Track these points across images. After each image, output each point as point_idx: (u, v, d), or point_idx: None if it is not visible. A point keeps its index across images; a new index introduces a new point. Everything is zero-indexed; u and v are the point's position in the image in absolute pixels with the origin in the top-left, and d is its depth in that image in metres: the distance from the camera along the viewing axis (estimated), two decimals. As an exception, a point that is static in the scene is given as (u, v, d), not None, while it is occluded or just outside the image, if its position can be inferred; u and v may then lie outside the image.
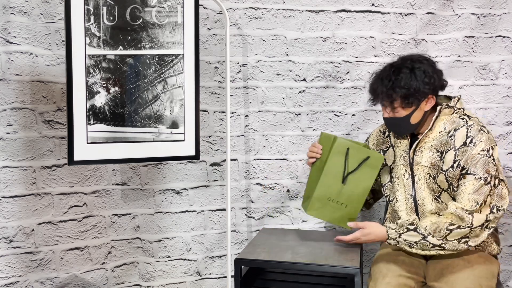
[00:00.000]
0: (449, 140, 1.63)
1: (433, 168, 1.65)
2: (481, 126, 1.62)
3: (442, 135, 1.65)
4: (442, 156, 1.63)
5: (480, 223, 1.54)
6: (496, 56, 2.23)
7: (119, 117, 1.70)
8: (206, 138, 2.19)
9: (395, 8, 2.21)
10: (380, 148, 1.85)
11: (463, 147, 1.59)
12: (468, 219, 1.53)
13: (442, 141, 1.64)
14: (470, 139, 1.59)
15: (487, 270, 1.61)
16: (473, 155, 1.57)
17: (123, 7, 1.68)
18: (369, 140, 1.92)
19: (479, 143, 1.57)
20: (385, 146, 1.84)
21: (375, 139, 1.89)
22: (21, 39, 1.86)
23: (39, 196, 1.94)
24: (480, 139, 1.58)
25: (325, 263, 1.66)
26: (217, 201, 2.23)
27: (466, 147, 1.59)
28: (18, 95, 1.88)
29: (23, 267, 1.92)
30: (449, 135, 1.64)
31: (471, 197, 1.54)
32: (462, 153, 1.59)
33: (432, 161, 1.65)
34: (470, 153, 1.57)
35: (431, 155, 1.66)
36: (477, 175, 1.56)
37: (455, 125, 1.64)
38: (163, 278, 2.20)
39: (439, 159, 1.64)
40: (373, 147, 1.88)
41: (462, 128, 1.62)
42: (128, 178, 2.12)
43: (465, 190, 1.56)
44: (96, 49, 1.65)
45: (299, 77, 2.22)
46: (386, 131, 1.85)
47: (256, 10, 2.17)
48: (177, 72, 1.77)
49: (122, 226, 2.13)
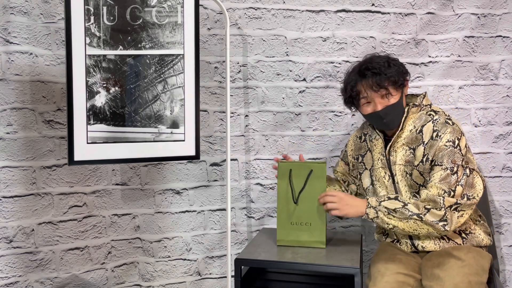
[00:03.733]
0: (419, 136, 1.68)
1: (408, 165, 1.70)
2: (446, 119, 1.67)
3: (412, 133, 1.70)
4: (414, 152, 1.69)
5: (450, 204, 1.59)
6: (496, 56, 2.24)
7: (119, 117, 1.70)
8: (206, 138, 2.19)
9: (395, 8, 2.21)
10: (358, 153, 1.88)
11: (431, 141, 1.65)
12: (440, 200, 1.59)
13: (412, 138, 1.70)
14: (436, 133, 1.65)
15: (477, 266, 1.61)
16: (440, 147, 1.63)
17: (123, 7, 1.68)
18: (347, 148, 1.95)
19: (444, 135, 1.63)
20: (362, 151, 1.87)
21: (353, 145, 1.93)
22: (21, 39, 1.86)
23: (39, 196, 1.94)
24: (445, 131, 1.64)
25: (325, 263, 1.66)
26: (217, 201, 2.23)
27: (433, 141, 1.64)
28: (18, 95, 1.88)
29: (23, 267, 1.92)
30: (417, 131, 1.69)
31: (438, 185, 1.60)
32: (430, 147, 1.65)
33: (406, 158, 1.70)
34: (437, 146, 1.63)
35: (404, 153, 1.71)
36: (443, 165, 1.61)
37: (422, 121, 1.70)
38: (163, 278, 2.20)
39: (412, 156, 1.69)
40: (351, 153, 1.92)
41: (428, 123, 1.68)
42: (128, 178, 2.12)
43: (433, 180, 1.62)
44: (96, 49, 1.65)
45: (299, 77, 2.22)
46: (362, 136, 1.89)
47: (256, 10, 2.17)
48: (177, 72, 1.77)
49: (122, 226, 2.13)
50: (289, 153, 2.25)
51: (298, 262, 1.67)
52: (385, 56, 1.73)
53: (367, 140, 1.86)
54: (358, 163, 1.88)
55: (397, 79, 1.66)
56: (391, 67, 1.67)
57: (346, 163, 1.96)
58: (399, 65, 1.71)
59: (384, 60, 1.69)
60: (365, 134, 1.88)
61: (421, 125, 1.69)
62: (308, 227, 1.81)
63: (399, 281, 1.59)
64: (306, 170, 1.80)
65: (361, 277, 1.66)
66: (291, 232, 1.82)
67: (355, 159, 1.90)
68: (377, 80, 1.65)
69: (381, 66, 1.67)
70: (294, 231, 1.82)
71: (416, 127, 1.70)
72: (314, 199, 1.80)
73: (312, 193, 1.80)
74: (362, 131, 1.92)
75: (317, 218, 1.81)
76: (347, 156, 1.95)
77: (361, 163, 1.87)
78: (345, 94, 1.76)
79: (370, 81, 1.66)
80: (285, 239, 1.83)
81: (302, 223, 1.81)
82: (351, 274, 1.65)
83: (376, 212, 1.64)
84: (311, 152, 2.26)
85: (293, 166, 1.81)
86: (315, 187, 1.80)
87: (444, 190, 1.59)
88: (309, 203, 1.80)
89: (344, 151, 1.98)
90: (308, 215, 1.80)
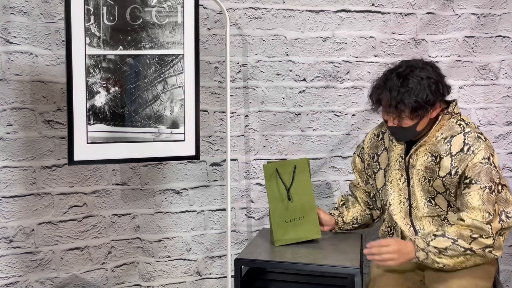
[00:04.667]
0: (445, 146, 1.61)
1: (428, 172, 1.64)
2: (478, 133, 1.60)
3: (439, 141, 1.63)
4: (436, 161, 1.62)
5: (497, 230, 1.54)
6: (496, 56, 2.23)
7: (119, 117, 1.70)
8: (206, 138, 2.19)
9: (395, 8, 2.21)
10: (374, 152, 1.83)
11: (460, 154, 1.57)
12: (488, 229, 1.51)
13: (437, 146, 1.62)
14: (468, 147, 1.57)
15: (484, 271, 1.61)
16: (475, 164, 1.55)
17: (123, 7, 1.68)
18: (364, 145, 1.89)
19: (479, 152, 1.55)
20: (379, 149, 1.82)
21: (369, 142, 1.87)
22: (21, 39, 1.86)
23: (39, 196, 1.94)
24: (479, 147, 1.56)
25: (325, 263, 1.66)
26: (217, 201, 2.23)
27: (464, 154, 1.57)
28: (18, 95, 1.88)
29: (23, 267, 1.92)
30: (445, 140, 1.62)
31: (482, 208, 1.52)
32: (459, 160, 1.57)
33: (426, 164, 1.64)
34: (470, 162, 1.55)
35: (426, 159, 1.64)
36: (482, 185, 1.53)
37: (452, 132, 1.62)
38: (163, 278, 2.20)
39: (433, 163, 1.62)
40: (368, 151, 1.86)
41: (459, 135, 1.60)
42: (128, 178, 2.12)
43: (471, 201, 1.53)
44: (96, 49, 1.65)
45: (299, 77, 2.22)
46: (380, 134, 1.83)
47: (256, 10, 2.17)
48: (177, 72, 1.77)
49: (122, 226, 2.13)
50: (289, 153, 2.25)
51: (298, 262, 1.67)
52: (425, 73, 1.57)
53: (385, 139, 1.80)
54: (373, 162, 1.83)
55: (417, 110, 1.55)
56: (421, 92, 1.54)
57: (362, 160, 1.90)
58: (433, 92, 1.56)
59: (419, 80, 1.55)
60: (383, 133, 1.82)
61: (450, 135, 1.61)
62: (302, 221, 1.84)
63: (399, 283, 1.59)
64: (291, 166, 1.85)
65: (361, 277, 1.66)
66: (287, 230, 1.84)
67: (370, 158, 1.84)
68: (396, 102, 1.55)
69: (407, 91, 1.54)
70: (290, 228, 1.84)
71: (444, 136, 1.63)
72: (303, 193, 1.84)
73: (300, 188, 1.84)
74: (380, 129, 1.85)
75: (309, 211, 1.84)
76: (363, 153, 1.89)
77: (376, 163, 1.82)
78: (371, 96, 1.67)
79: (390, 99, 1.56)
80: (282, 238, 1.84)
81: (296, 219, 1.84)
82: (351, 274, 1.65)
83: (426, 254, 1.53)
84: (311, 152, 2.26)
85: (278, 165, 1.85)
86: (301, 182, 1.84)
87: (488, 213, 1.51)
88: (299, 198, 1.84)
89: (361, 147, 1.91)
90: (300, 209, 1.84)
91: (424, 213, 1.66)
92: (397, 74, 1.59)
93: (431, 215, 1.66)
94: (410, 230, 1.69)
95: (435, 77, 1.57)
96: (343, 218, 1.91)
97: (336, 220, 1.91)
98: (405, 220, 1.71)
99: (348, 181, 2.28)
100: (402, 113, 1.57)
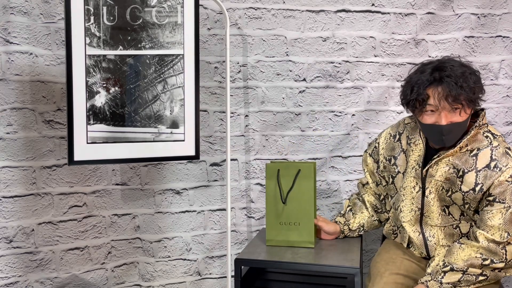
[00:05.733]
0: (470, 160, 1.52)
1: (447, 183, 1.57)
2: (506, 149, 1.52)
3: (464, 153, 1.54)
4: (458, 174, 1.54)
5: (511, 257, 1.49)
6: (496, 56, 2.23)
7: (119, 117, 1.70)
8: (206, 138, 2.19)
9: (395, 8, 2.21)
10: (391, 154, 1.74)
11: (486, 170, 1.50)
12: (502, 254, 1.47)
13: (461, 159, 1.54)
14: (495, 163, 1.49)
15: None
16: (501, 182, 1.48)
17: (123, 7, 1.68)
18: (379, 145, 1.80)
19: (507, 170, 1.48)
20: (396, 151, 1.73)
21: (384, 143, 1.78)
22: (21, 39, 1.86)
23: (39, 196, 1.94)
24: (507, 164, 1.48)
25: (325, 263, 1.66)
26: (217, 201, 2.23)
27: (491, 171, 1.49)
28: (18, 95, 1.88)
29: (23, 267, 1.92)
30: (471, 154, 1.53)
31: (502, 228, 1.47)
32: (484, 177, 1.50)
33: (447, 176, 1.56)
34: (496, 180, 1.48)
35: (447, 170, 1.56)
36: (506, 204, 1.47)
37: (478, 144, 1.53)
38: (163, 278, 2.20)
39: (455, 176, 1.55)
40: (383, 152, 1.77)
41: (486, 149, 1.51)
42: (128, 178, 2.12)
43: (493, 219, 1.48)
44: (96, 49, 1.65)
45: (299, 77, 2.22)
46: (397, 135, 1.74)
47: (256, 10, 2.17)
48: (177, 72, 1.77)
49: (122, 226, 2.13)
50: (289, 153, 2.25)
51: (298, 262, 1.67)
52: (464, 65, 1.51)
53: (402, 140, 1.71)
54: (390, 165, 1.74)
55: (475, 97, 1.47)
56: (469, 80, 1.46)
57: (376, 160, 1.82)
58: (478, 80, 1.49)
59: (464, 70, 1.48)
60: (401, 134, 1.73)
61: (476, 148, 1.53)
62: (296, 227, 1.83)
63: (398, 282, 1.59)
64: (294, 170, 1.82)
65: (361, 277, 1.66)
66: (280, 232, 1.84)
67: (387, 161, 1.75)
68: (456, 91, 1.43)
69: (462, 77, 1.45)
70: (283, 231, 1.83)
71: (469, 148, 1.54)
72: (303, 199, 1.81)
73: (300, 193, 1.82)
74: (397, 129, 1.76)
75: (305, 218, 1.82)
76: (377, 154, 1.80)
77: (393, 166, 1.73)
78: (410, 94, 1.51)
79: (448, 90, 1.44)
80: (274, 239, 1.84)
81: (291, 223, 1.83)
82: (351, 274, 1.65)
83: None
84: (311, 152, 2.26)
85: (281, 166, 1.83)
86: (303, 187, 1.81)
87: (508, 233, 1.46)
88: (297, 203, 1.82)
89: (373, 146, 1.83)
90: (296, 215, 1.82)
91: (437, 223, 1.63)
92: (435, 67, 1.49)
93: (444, 225, 1.62)
94: (419, 237, 1.67)
95: (473, 70, 1.51)
96: (349, 226, 1.88)
97: (341, 229, 1.89)
98: (414, 227, 1.67)
99: (348, 181, 2.28)
100: (462, 102, 1.45)
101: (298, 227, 1.83)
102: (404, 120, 1.77)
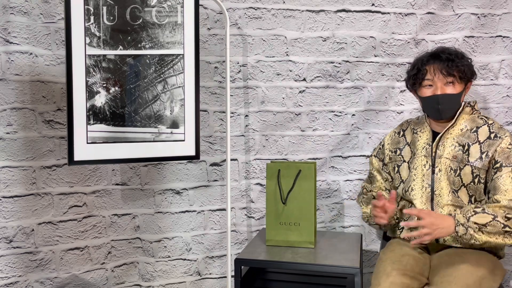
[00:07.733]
0: (472, 136, 1.72)
1: (455, 161, 1.71)
2: (500, 125, 1.75)
3: (464, 132, 1.74)
4: (464, 149, 1.71)
5: None
6: (496, 56, 2.23)
7: (119, 117, 1.70)
8: (206, 138, 2.19)
9: (395, 8, 2.21)
10: (396, 147, 1.89)
11: (489, 140, 1.69)
12: None
13: (464, 136, 1.73)
14: (495, 134, 1.70)
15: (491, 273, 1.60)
16: (503, 149, 1.66)
17: (123, 7, 1.68)
18: (383, 144, 1.95)
19: (506, 138, 1.68)
20: (401, 144, 1.89)
21: (390, 139, 1.94)
22: (21, 39, 1.86)
23: (39, 196, 1.94)
24: (505, 134, 1.69)
25: (325, 263, 1.66)
26: (217, 201, 2.23)
27: (492, 140, 1.69)
28: (18, 95, 1.88)
29: (23, 267, 1.92)
30: (472, 131, 1.73)
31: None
32: (488, 145, 1.68)
33: (454, 153, 1.72)
34: (498, 147, 1.67)
35: (453, 148, 1.73)
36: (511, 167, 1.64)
37: (476, 124, 1.75)
38: (163, 278, 2.20)
39: (461, 152, 1.71)
40: (389, 147, 1.92)
41: (484, 126, 1.73)
42: (128, 178, 2.12)
43: (504, 183, 1.62)
44: (96, 49, 1.65)
45: (299, 77, 2.22)
46: (401, 131, 1.91)
47: (256, 10, 2.17)
48: (177, 72, 1.77)
49: (122, 226, 2.13)
50: (289, 153, 2.25)
51: (298, 262, 1.67)
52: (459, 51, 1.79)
53: (407, 135, 1.89)
54: (396, 155, 1.89)
55: (466, 72, 1.73)
56: (462, 58, 1.74)
57: (380, 159, 1.95)
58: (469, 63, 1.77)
59: (459, 52, 1.77)
60: (404, 130, 1.91)
61: (475, 126, 1.74)
62: (296, 227, 1.83)
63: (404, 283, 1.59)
64: (295, 170, 1.83)
65: (361, 277, 1.66)
66: (280, 232, 1.84)
67: (393, 152, 1.90)
68: (448, 65, 1.71)
69: (457, 55, 1.73)
70: (283, 231, 1.84)
71: (468, 127, 1.75)
72: (303, 199, 1.81)
73: (301, 193, 1.82)
74: (401, 127, 1.94)
75: (305, 218, 1.82)
76: (382, 153, 1.95)
77: (399, 156, 1.87)
78: (411, 71, 1.80)
79: (442, 64, 1.72)
80: (274, 239, 1.84)
81: (291, 223, 1.83)
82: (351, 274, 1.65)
83: (466, 229, 1.56)
84: (311, 152, 2.26)
85: (281, 166, 1.84)
86: (304, 188, 1.82)
87: None
88: (297, 203, 1.82)
89: (377, 148, 1.98)
90: (296, 215, 1.83)
91: (448, 201, 1.70)
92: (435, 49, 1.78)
93: (454, 204, 1.70)
94: None
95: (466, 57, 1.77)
96: None
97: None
98: (425, 206, 1.74)
99: (348, 181, 2.28)
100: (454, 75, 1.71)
101: (298, 227, 1.83)
102: (407, 120, 1.95)
